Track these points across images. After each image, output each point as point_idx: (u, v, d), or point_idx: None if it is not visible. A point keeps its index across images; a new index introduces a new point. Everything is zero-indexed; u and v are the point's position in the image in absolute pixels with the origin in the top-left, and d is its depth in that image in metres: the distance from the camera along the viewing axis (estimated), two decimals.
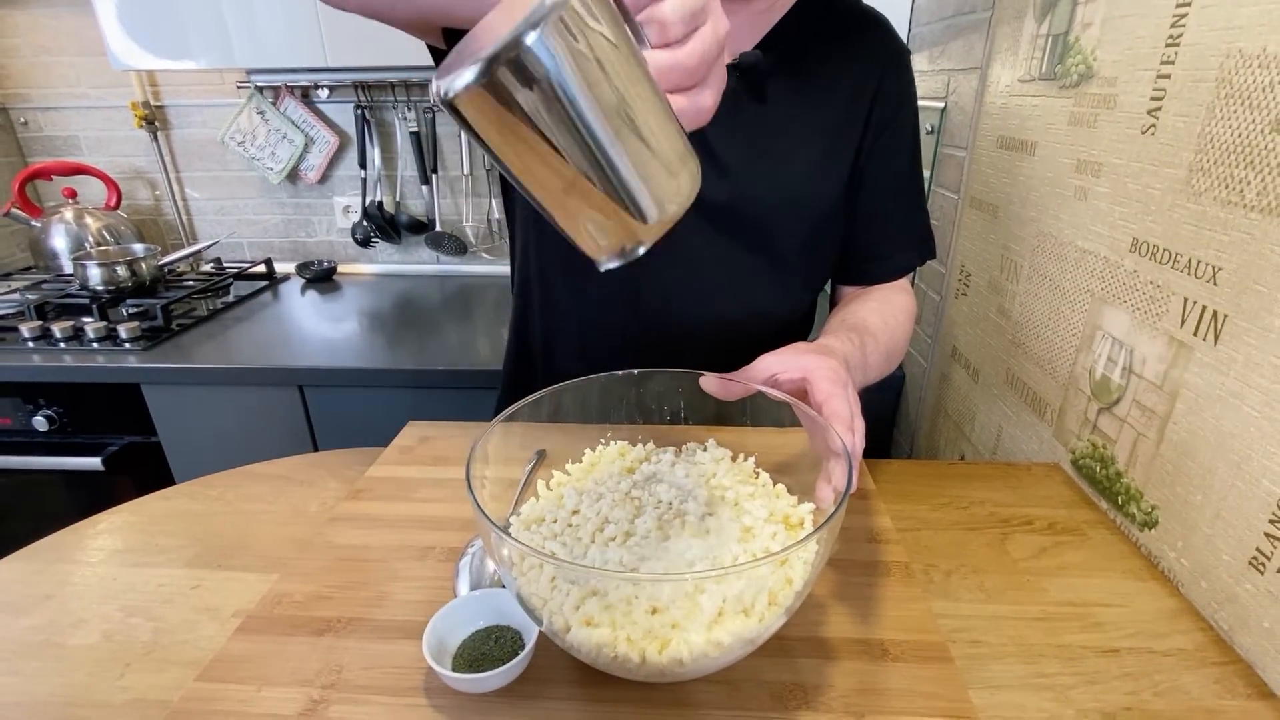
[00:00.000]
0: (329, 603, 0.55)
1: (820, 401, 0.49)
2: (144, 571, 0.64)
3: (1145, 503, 0.66)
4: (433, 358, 1.32)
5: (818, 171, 0.72)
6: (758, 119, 0.71)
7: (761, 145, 0.71)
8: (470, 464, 0.45)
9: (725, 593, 0.41)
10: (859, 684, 0.47)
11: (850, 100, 0.73)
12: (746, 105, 0.71)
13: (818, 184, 0.73)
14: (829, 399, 0.49)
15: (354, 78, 1.68)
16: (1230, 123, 0.56)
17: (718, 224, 0.72)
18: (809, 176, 0.72)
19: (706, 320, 0.75)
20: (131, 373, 1.30)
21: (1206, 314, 0.58)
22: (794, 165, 0.71)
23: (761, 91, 0.71)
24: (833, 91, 0.72)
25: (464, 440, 0.80)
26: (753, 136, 0.71)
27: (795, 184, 0.72)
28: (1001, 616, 0.58)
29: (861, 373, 0.65)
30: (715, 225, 0.72)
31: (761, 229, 0.73)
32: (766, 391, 0.53)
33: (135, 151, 1.82)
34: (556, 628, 0.42)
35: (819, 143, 0.72)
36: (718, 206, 0.71)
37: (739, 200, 0.71)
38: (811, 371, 0.51)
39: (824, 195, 0.74)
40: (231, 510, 0.73)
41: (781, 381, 0.52)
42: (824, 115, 0.72)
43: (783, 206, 0.72)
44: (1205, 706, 0.50)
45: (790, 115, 0.71)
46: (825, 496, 0.46)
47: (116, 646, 0.55)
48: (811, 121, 0.72)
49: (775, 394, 0.53)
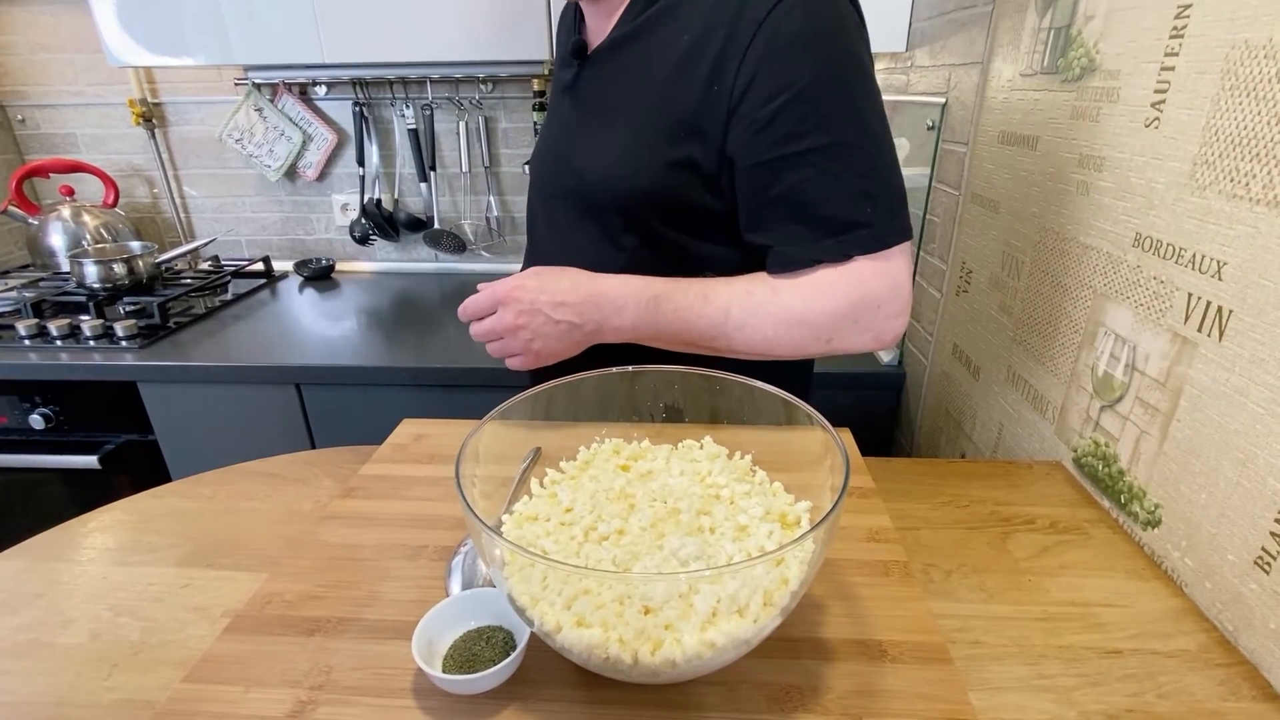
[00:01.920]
0: (319, 602, 0.54)
1: None
2: (134, 570, 0.63)
3: (1148, 501, 0.65)
4: (431, 356, 1.32)
5: (619, 158, 0.67)
6: (595, 102, 0.72)
7: (577, 129, 0.73)
8: (460, 461, 0.45)
9: (719, 593, 0.41)
10: (857, 686, 0.46)
11: (700, 74, 0.63)
12: (580, 91, 0.73)
13: (617, 171, 0.67)
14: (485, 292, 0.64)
15: (352, 74, 1.67)
16: (1235, 115, 0.55)
17: (576, 209, 0.74)
18: (612, 164, 0.68)
19: None
20: (128, 370, 1.29)
21: (1211, 309, 0.57)
22: (608, 147, 0.68)
23: (602, 75, 0.71)
24: (675, 69, 0.64)
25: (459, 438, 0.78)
26: (574, 121, 0.73)
27: (591, 172, 0.69)
28: (1002, 617, 0.57)
29: (616, 310, 0.65)
30: (574, 210, 0.74)
31: (585, 211, 0.72)
32: None
33: (133, 149, 1.81)
34: (548, 628, 0.41)
35: (629, 127, 0.67)
36: (569, 192, 0.74)
37: (562, 183, 0.74)
38: (500, 293, 0.64)
39: (625, 182, 0.67)
40: (224, 509, 0.72)
41: (469, 310, 0.67)
42: (649, 96, 0.66)
43: (582, 195, 0.72)
44: (1210, 709, 0.49)
45: (619, 93, 0.69)
46: None
47: (104, 646, 0.55)
48: (628, 105, 0.68)
49: None
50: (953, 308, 1.11)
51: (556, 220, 0.76)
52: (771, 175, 0.62)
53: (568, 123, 0.74)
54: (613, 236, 0.70)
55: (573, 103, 0.73)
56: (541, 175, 0.79)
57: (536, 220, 0.80)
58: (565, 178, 0.73)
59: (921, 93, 1.25)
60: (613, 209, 0.69)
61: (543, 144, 0.80)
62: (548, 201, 0.77)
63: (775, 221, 0.64)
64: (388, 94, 1.70)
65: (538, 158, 0.80)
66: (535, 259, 0.78)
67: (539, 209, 0.79)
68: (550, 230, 0.78)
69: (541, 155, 0.80)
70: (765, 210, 0.64)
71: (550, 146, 0.77)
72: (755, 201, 0.64)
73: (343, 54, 1.41)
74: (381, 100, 1.71)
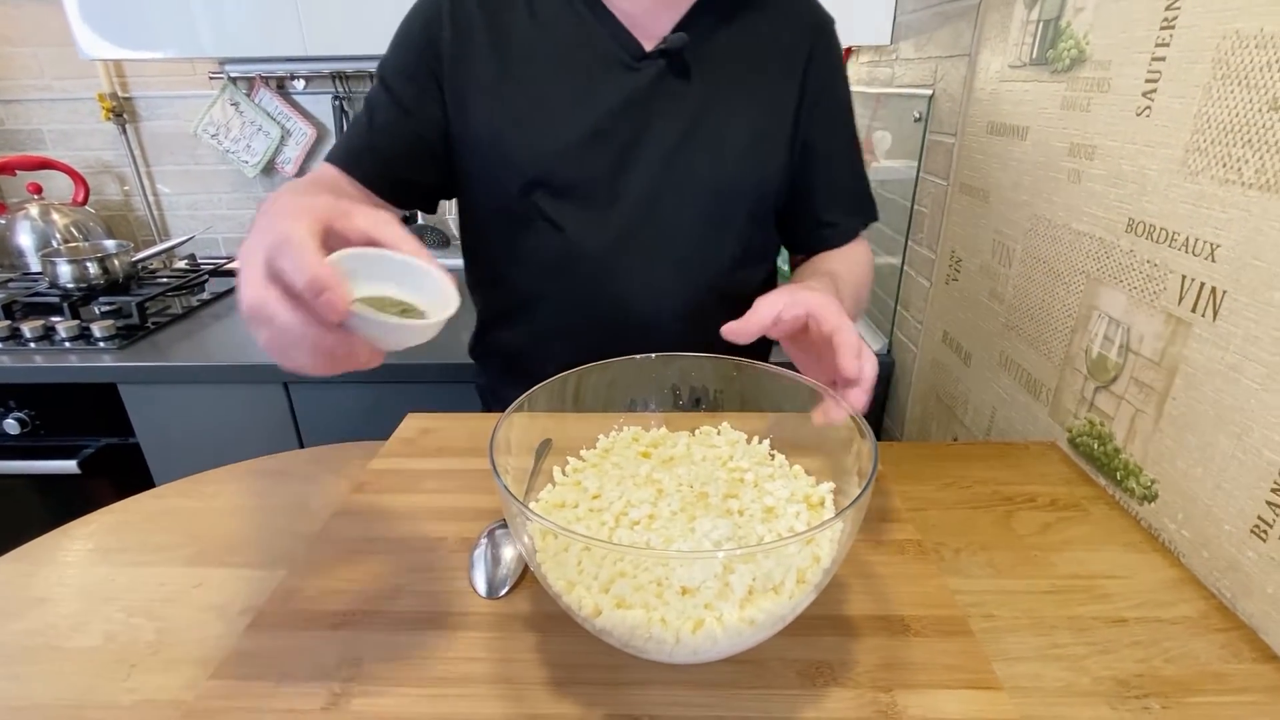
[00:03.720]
0: (342, 596, 0.54)
1: (830, 331, 0.50)
2: (142, 571, 0.62)
3: (1144, 477, 0.67)
4: (420, 352, 1.30)
5: (751, 145, 0.74)
6: (688, 100, 0.72)
7: (695, 125, 0.72)
8: (493, 449, 0.45)
9: (755, 571, 0.41)
10: (884, 659, 0.47)
11: (781, 72, 0.74)
12: (676, 88, 0.72)
13: (752, 157, 0.74)
14: (839, 328, 0.49)
15: (331, 68, 1.65)
16: (1227, 103, 0.58)
17: (660, 213, 0.74)
18: (742, 151, 0.73)
19: (665, 308, 0.77)
20: (108, 372, 1.26)
21: (1205, 290, 0.60)
22: (727, 140, 0.72)
23: (687, 73, 0.72)
24: (760, 67, 0.74)
25: (464, 431, 0.78)
26: (686, 117, 0.72)
27: (730, 159, 0.73)
28: (1013, 591, 0.59)
29: None
30: (658, 214, 0.74)
31: (704, 205, 0.74)
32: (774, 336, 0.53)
33: (103, 145, 1.77)
34: (586, 611, 0.41)
35: (750, 118, 0.73)
36: (660, 188, 0.72)
37: (678, 180, 0.73)
38: (814, 306, 0.51)
39: (760, 168, 0.75)
40: (229, 507, 0.71)
41: (785, 319, 0.52)
42: (753, 91, 0.74)
43: (721, 182, 0.74)
44: (1214, 670, 0.51)
45: (721, 94, 0.73)
46: (836, 415, 0.49)
47: (120, 647, 0.54)
48: (741, 98, 0.73)
49: (777, 332, 0.53)
50: (942, 296, 1.14)
51: (671, 218, 0.75)
52: (844, 160, 0.81)
53: (661, 121, 0.72)
54: (736, 230, 0.77)
55: (667, 102, 0.72)
56: (643, 178, 0.74)
57: (637, 223, 0.75)
58: (686, 174, 0.73)
59: (907, 85, 1.27)
60: (747, 200, 0.76)
61: (631, 149, 0.73)
62: (651, 203, 0.74)
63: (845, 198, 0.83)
64: (368, 88, 1.67)
65: (622, 166, 0.74)
66: (631, 261, 0.75)
67: (637, 213, 0.74)
68: (657, 229, 0.75)
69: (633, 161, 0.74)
70: (840, 189, 0.82)
71: (643, 150, 0.73)
72: (828, 182, 0.81)
73: (324, 46, 1.39)
74: (362, 94, 1.68)
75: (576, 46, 0.73)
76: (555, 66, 0.73)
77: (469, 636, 0.49)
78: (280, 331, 0.36)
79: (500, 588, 0.54)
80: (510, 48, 0.72)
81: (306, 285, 0.35)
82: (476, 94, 0.73)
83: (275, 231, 0.36)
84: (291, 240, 0.35)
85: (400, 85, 0.74)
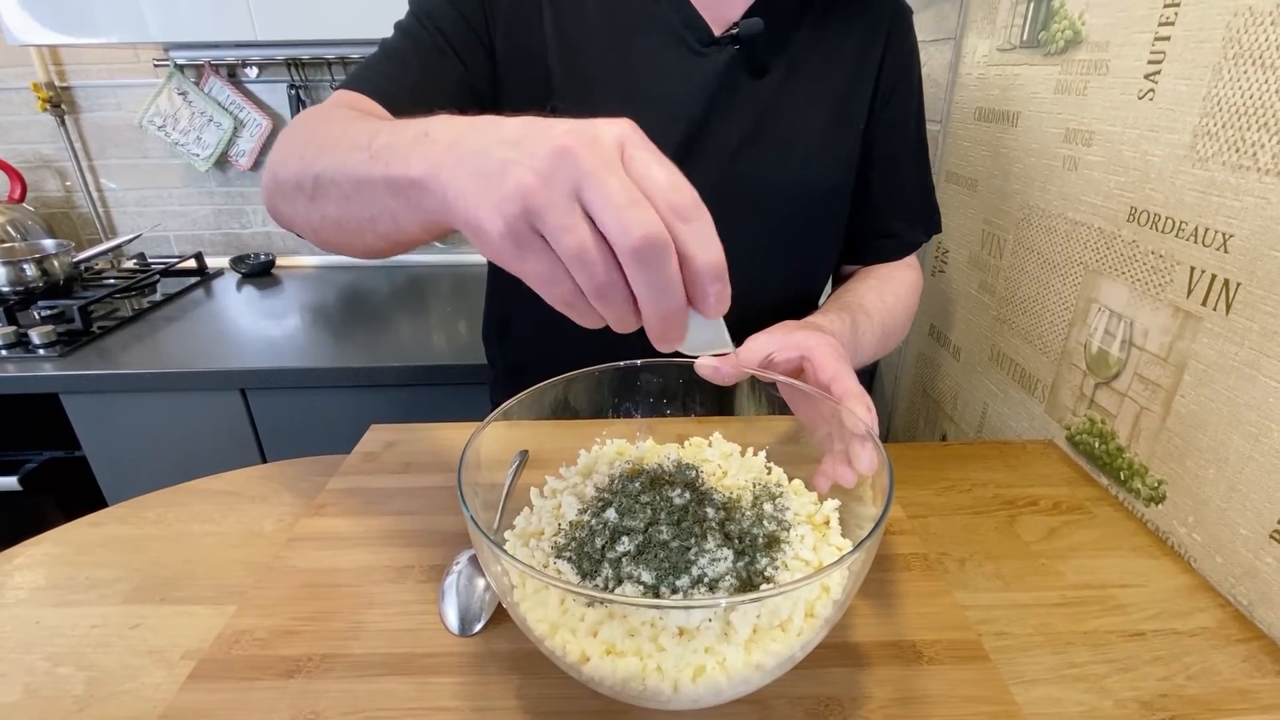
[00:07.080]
0: (296, 638, 0.48)
1: (828, 380, 0.46)
2: (73, 611, 0.56)
3: (1151, 478, 0.64)
4: (385, 354, 1.24)
5: (822, 148, 0.68)
6: (757, 94, 0.66)
7: (762, 123, 0.66)
8: (461, 470, 0.40)
9: (760, 609, 0.37)
10: (897, 693, 0.44)
11: (854, 68, 0.68)
12: (744, 81, 0.66)
13: (823, 161, 0.69)
14: (837, 376, 0.45)
15: (286, 54, 1.56)
16: (1240, 84, 0.54)
17: (718, 208, 0.68)
18: (813, 153, 0.68)
19: None
20: (48, 381, 1.17)
21: (1217, 283, 0.57)
22: (797, 143, 0.67)
23: (759, 64, 0.66)
24: (835, 60, 0.68)
25: (432, 444, 0.73)
26: (752, 114, 0.66)
27: (799, 162, 0.67)
28: (1023, 604, 0.55)
29: (853, 352, 0.61)
30: (715, 210, 0.68)
31: (766, 211, 0.68)
32: (759, 374, 0.49)
33: (40, 138, 1.65)
34: (572, 659, 0.37)
35: (823, 117, 0.68)
36: (718, 189, 0.66)
37: (740, 182, 0.66)
38: (811, 349, 0.47)
39: (830, 173, 0.70)
40: (173, 534, 0.65)
41: (778, 362, 0.48)
42: (827, 87, 0.68)
43: (787, 186, 0.68)
44: (1238, 687, 0.48)
45: (791, 88, 0.67)
46: (846, 477, 0.43)
47: (43, 703, 0.47)
48: (814, 94, 0.67)
49: (770, 375, 0.48)
50: (929, 288, 1.10)
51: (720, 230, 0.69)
52: (911, 164, 0.76)
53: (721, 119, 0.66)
54: (791, 241, 0.72)
55: (730, 95, 0.66)
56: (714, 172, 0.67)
57: None
58: (741, 185, 0.67)
59: None
60: (809, 214, 0.71)
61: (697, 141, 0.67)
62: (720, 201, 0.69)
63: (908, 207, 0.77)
64: (327, 75, 1.59)
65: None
66: None
67: None
68: None
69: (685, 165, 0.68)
70: (905, 196, 0.76)
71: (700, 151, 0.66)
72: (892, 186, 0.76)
73: (275, 30, 1.30)
74: (320, 82, 1.61)
75: (639, 21, 0.65)
76: (611, 42, 0.65)
77: (439, 683, 0.44)
78: (653, 281, 0.32)
79: (474, 623, 0.49)
80: (565, 16, 0.64)
81: (718, 264, 0.33)
82: (524, 59, 0.64)
83: (679, 190, 0.33)
84: (705, 212, 0.33)
85: (450, 25, 0.63)
